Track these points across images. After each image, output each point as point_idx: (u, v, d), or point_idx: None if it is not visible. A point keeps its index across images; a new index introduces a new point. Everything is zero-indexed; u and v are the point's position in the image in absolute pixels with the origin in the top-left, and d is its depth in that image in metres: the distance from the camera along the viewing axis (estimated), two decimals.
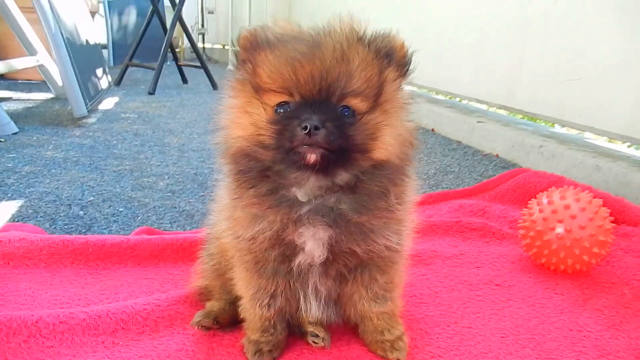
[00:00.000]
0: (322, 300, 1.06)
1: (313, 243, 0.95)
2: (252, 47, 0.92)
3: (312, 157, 0.85)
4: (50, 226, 1.75)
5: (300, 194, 0.92)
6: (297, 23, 0.94)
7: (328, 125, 0.84)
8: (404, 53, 0.93)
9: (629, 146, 2.63)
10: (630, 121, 2.35)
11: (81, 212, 1.89)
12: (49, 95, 4.40)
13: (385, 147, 0.89)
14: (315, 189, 0.92)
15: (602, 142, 2.74)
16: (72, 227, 1.76)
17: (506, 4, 3.19)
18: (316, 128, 0.82)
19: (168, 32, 5.24)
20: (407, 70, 0.94)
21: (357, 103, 0.87)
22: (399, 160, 0.92)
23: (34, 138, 2.97)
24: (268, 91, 0.89)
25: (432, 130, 3.58)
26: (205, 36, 9.05)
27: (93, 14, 5.70)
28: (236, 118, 0.92)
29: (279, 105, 0.88)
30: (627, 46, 2.35)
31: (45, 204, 1.95)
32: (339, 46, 0.86)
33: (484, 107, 3.67)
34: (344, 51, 0.86)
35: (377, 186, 0.92)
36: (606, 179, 2.27)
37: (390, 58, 0.91)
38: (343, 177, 0.91)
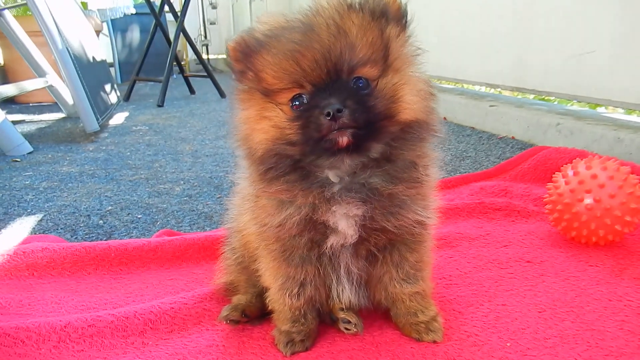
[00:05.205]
0: (355, 282, 1.03)
1: (346, 222, 0.93)
2: (245, 55, 0.89)
3: (343, 140, 0.82)
4: (72, 237, 1.75)
5: (331, 174, 0.90)
6: (280, 13, 0.90)
7: (349, 103, 0.81)
8: (397, 6, 0.90)
9: None
10: None
11: (101, 222, 1.89)
12: (60, 115, 4.46)
13: (409, 107, 0.87)
14: (350, 169, 0.90)
15: (619, 115, 2.67)
16: (92, 236, 1.75)
17: None
18: (338, 110, 0.80)
19: (172, 44, 5.27)
20: (406, 22, 0.91)
21: (367, 71, 0.85)
22: (425, 115, 0.90)
23: (49, 155, 2.99)
24: (278, 91, 0.86)
25: (444, 118, 3.53)
26: (209, 47, 9.11)
27: (97, 33, 5.75)
28: (256, 126, 0.89)
29: (293, 99, 0.86)
30: (634, 15, 2.29)
31: (65, 217, 1.95)
32: (331, 21, 0.83)
33: (495, 91, 3.61)
34: (338, 24, 0.83)
35: (410, 149, 0.91)
36: (629, 151, 2.21)
37: (387, 15, 0.88)
38: (377, 149, 0.88)
